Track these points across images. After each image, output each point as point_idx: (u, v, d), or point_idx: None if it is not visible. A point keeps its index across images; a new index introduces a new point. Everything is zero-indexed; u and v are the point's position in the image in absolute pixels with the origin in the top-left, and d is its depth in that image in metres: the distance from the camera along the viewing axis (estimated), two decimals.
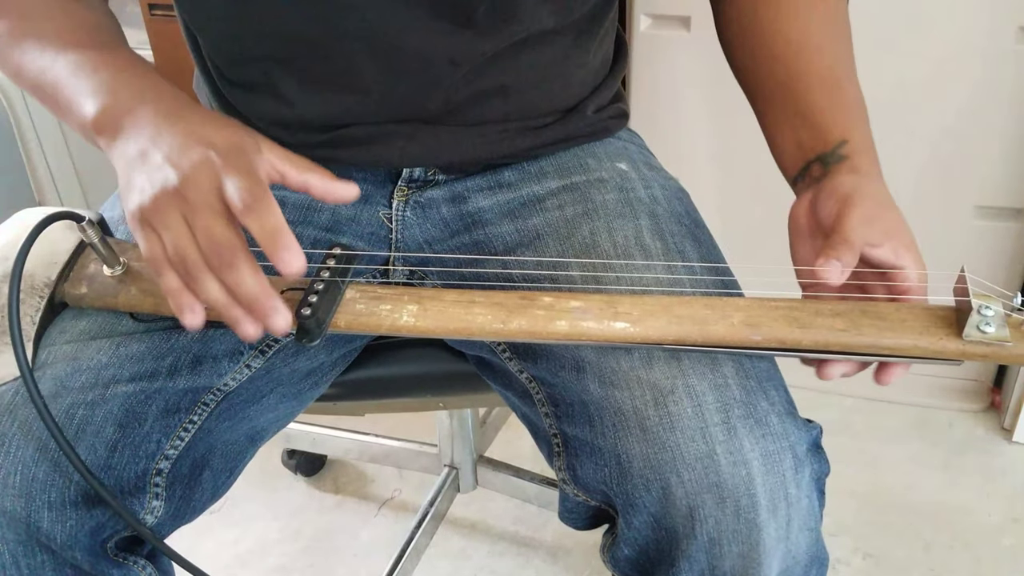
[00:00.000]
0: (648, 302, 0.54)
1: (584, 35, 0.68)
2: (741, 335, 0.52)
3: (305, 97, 0.65)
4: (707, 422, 0.52)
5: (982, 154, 1.21)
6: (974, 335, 0.49)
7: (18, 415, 0.53)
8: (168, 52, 1.52)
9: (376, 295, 0.55)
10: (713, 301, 0.54)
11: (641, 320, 0.53)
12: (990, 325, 0.49)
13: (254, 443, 0.66)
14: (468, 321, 0.54)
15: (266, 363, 0.63)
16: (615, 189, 0.68)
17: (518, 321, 0.53)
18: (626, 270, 0.61)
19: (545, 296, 0.54)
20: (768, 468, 0.52)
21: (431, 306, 0.54)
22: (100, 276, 0.57)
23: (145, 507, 0.57)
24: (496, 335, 0.54)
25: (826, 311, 0.52)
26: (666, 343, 0.53)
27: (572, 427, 0.57)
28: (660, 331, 0.52)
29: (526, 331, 0.53)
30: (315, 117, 0.66)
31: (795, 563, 0.55)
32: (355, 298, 0.55)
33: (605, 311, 0.53)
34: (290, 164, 0.52)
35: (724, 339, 0.52)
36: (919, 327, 0.50)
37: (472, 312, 0.54)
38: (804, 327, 0.51)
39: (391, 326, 0.54)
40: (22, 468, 0.52)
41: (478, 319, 0.53)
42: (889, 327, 0.51)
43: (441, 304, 0.54)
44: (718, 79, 1.28)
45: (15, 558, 0.53)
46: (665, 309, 0.53)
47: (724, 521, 0.52)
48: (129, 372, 0.56)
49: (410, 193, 0.70)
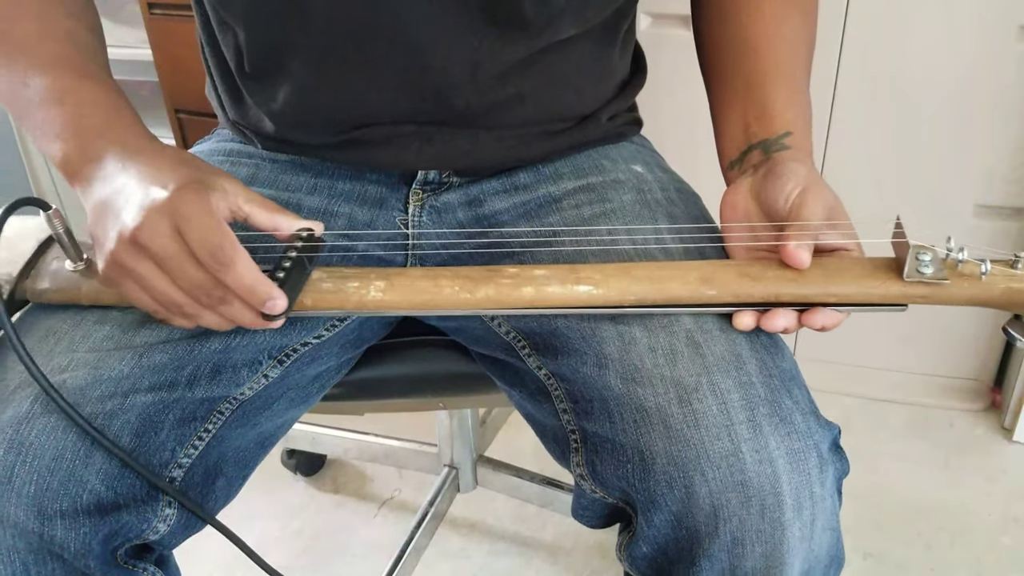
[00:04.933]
0: (609, 267, 0.56)
1: (601, 45, 0.68)
2: (697, 291, 0.55)
3: (328, 93, 0.65)
4: (732, 420, 0.52)
5: (982, 153, 1.21)
6: (914, 276, 0.52)
7: (35, 425, 0.53)
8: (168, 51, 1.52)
9: (343, 275, 0.56)
10: (670, 264, 0.57)
11: (603, 283, 0.55)
12: (928, 267, 0.52)
13: (263, 448, 0.66)
14: (435, 293, 0.55)
15: (283, 371, 0.63)
16: (632, 190, 0.68)
17: (484, 290, 0.55)
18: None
19: (511, 267, 0.56)
20: (794, 467, 0.52)
21: (398, 282, 0.56)
22: (62, 271, 0.57)
23: (158, 515, 0.56)
24: (463, 305, 0.55)
25: (775, 264, 0.55)
26: (627, 303, 0.55)
27: (591, 423, 0.57)
28: (621, 292, 0.55)
29: (493, 299, 0.55)
30: (336, 114, 0.66)
31: (817, 563, 0.55)
32: (322, 278, 0.56)
33: (568, 276, 0.55)
34: (257, 206, 0.54)
35: (681, 297, 0.55)
36: (863, 274, 0.53)
37: (439, 285, 0.55)
38: (756, 280, 0.54)
39: (358, 302, 0.55)
40: (36, 478, 0.52)
41: (444, 291, 0.55)
42: (835, 275, 0.54)
43: (408, 279, 0.56)
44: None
45: (26, 567, 0.53)
46: (625, 272, 0.56)
47: (749, 520, 0.51)
48: (149, 382, 0.56)
49: (425, 197, 0.70)
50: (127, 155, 0.53)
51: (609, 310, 0.56)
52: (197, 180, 0.51)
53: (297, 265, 0.54)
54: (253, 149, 0.72)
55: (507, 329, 0.65)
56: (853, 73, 1.23)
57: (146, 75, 1.81)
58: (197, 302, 0.51)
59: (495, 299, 0.55)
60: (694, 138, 1.32)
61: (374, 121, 0.66)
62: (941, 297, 0.53)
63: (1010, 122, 1.18)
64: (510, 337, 0.64)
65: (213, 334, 0.59)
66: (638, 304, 0.55)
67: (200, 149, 0.75)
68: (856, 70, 1.23)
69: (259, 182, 0.69)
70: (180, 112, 1.63)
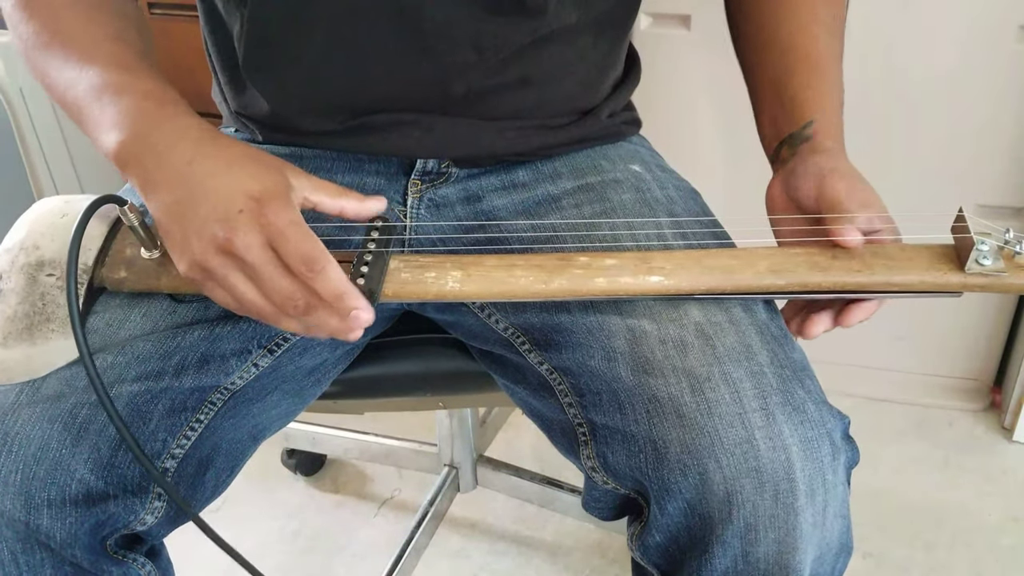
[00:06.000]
0: (678, 256, 0.57)
1: (602, 37, 0.69)
2: (767, 281, 0.56)
3: (332, 78, 0.65)
4: (745, 408, 0.53)
5: (982, 153, 1.21)
6: (974, 268, 0.54)
7: (21, 415, 0.53)
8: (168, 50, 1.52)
9: (419, 264, 0.57)
10: (739, 252, 0.58)
11: (674, 273, 0.56)
12: (987, 258, 0.54)
13: (256, 441, 0.66)
14: (511, 283, 0.56)
15: (274, 361, 0.63)
16: (631, 189, 0.68)
17: (559, 281, 0.56)
18: None
19: (581, 256, 0.57)
20: (807, 454, 0.53)
21: (474, 271, 0.56)
22: (139, 260, 0.58)
23: (147, 507, 0.56)
24: (539, 295, 0.56)
25: (842, 254, 0.56)
26: (698, 293, 0.57)
27: (601, 415, 0.57)
28: (692, 282, 0.56)
29: (567, 290, 0.56)
30: (339, 99, 0.66)
31: (828, 550, 0.55)
32: (399, 267, 0.57)
33: (640, 267, 0.57)
34: (324, 193, 0.54)
35: (752, 286, 0.57)
36: (924, 264, 0.56)
37: (514, 275, 0.56)
38: (824, 270, 0.56)
39: (437, 292, 0.56)
40: (23, 467, 0.52)
41: (521, 281, 0.56)
42: (898, 265, 0.56)
43: (483, 269, 0.56)
44: (718, 77, 1.28)
45: (14, 555, 0.53)
46: (696, 261, 0.57)
47: (762, 506, 0.52)
48: (135, 372, 0.57)
49: (424, 188, 0.70)
50: (195, 148, 0.52)
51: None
52: (279, 183, 0.51)
53: (378, 259, 0.55)
54: (254, 142, 0.72)
55: (505, 325, 0.65)
56: (853, 73, 1.23)
57: None
58: (282, 310, 0.50)
59: (569, 289, 0.56)
60: (692, 136, 1.32)
61: (377, 108, 0.66)
62: (998, 287, 0.55)
63: (1010, 122, 1.18)
64: (508, 333, 0.65)
65: (197, 323, 0.60)
66: (708, 294, 0.57)
67: None
68: (856, 70, 1.23)
69: None
70: None
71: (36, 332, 0.56)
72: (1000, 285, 0.55)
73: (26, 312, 0.56)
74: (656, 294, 0.57)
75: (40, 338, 0.56)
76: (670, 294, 0.57)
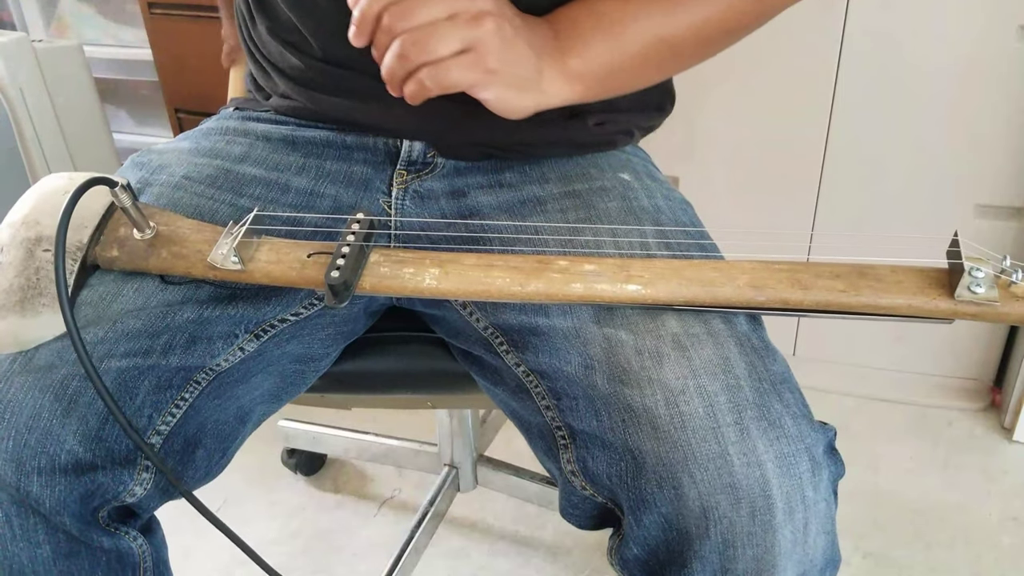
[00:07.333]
0: (659, 265, 0.56)
1: None
2: (746, 296, 0.55)
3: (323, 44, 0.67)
4: (719, 422, 0.52)
5: (982, 153, 1.22)
6: (965, 295, 0.52)
7: (14, 383, 0.54)
8: (168, 50, 1.52)
9: (399, 259, 0.57)
10: (720, 264, 0.56)
11: (652, 283, 0.55)
12: (980, 286, 0.51)
13: (243, 423, 0.66)
14: (488, 284, 0.56)
15: (260, 346, 0.64)
16: (618, 198, 0.68)
17: (535, 284, 0.56)
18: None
19: (560, 260, 0.57)
20: (784, 470, 0.52)
21: (452, 269, 0.57)
22: (131, 240, 0.59)
23: (135, 479, 0.57)
24: (514, 297, 0.56)
25: (826, 273, 0.54)
26: (676, 303, 0.56)
27: (578, 421, 0.57)
28: (670, 293, 0.55)
29: (543, 293, 0.56)
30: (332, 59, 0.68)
31: (812, 566, 0.55)
32: (379, 262, 0.57)
33: (618, 274, 0.56)
34: None
35: (731, 300, 0.55)
36: (913, 288, 0.53)
37: (491, 275, 0.56)
38: (806, 288, 0.54)
39: (414, 288, 0.56)
40: (15, 435, 0.53)
41: (497, 282, 0.56)
42: (885, 288, 0.53)
43: (461, 267, 0.57)
44: (717, 76, 1.28)
45: (8, 518, 0.54)
46: (675, 272, 0.56)
47: (739, 522, 0.51)
48: (124, 348, 0.57)
49: (409, 179, 0.70)
50: None
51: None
52: None
53: (355, 252, 0.56)
54: (250, 126, 0.74)
55: (485, 324, 0.65)
56: (853, 73, 1.23)
57: (146, 75, 1.81)
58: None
59: (545, 293, 0.56)
60: (692, 135, 1.32)
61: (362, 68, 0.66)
62: (990, 316, 0.52)
63: (1010, 122, 1.18)
64: (488, 333, 0.65)
65: (187, 303, 0.61)
66: (686, 305, 0.56)
67: (201, 127, 0.77)
68: (856, 70, 1.23)
69: (251, 160, 0.71)
70: (180, 111, 1.64)
71: (27, 305, 0.57)
72: (992, 314, 0.52)
73: (21, 285, 0.57)
74: (634, 303, 0.56)
75: (31, 311, 0.57)
76: (648, 303, 0.56)
